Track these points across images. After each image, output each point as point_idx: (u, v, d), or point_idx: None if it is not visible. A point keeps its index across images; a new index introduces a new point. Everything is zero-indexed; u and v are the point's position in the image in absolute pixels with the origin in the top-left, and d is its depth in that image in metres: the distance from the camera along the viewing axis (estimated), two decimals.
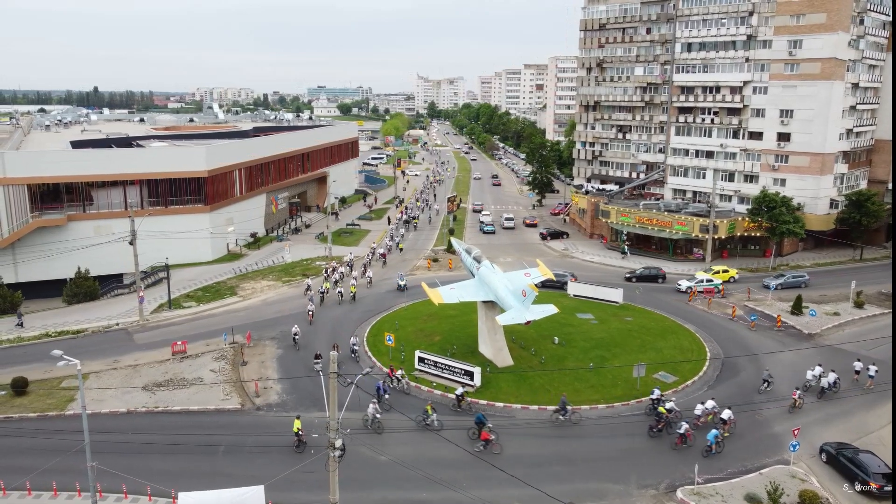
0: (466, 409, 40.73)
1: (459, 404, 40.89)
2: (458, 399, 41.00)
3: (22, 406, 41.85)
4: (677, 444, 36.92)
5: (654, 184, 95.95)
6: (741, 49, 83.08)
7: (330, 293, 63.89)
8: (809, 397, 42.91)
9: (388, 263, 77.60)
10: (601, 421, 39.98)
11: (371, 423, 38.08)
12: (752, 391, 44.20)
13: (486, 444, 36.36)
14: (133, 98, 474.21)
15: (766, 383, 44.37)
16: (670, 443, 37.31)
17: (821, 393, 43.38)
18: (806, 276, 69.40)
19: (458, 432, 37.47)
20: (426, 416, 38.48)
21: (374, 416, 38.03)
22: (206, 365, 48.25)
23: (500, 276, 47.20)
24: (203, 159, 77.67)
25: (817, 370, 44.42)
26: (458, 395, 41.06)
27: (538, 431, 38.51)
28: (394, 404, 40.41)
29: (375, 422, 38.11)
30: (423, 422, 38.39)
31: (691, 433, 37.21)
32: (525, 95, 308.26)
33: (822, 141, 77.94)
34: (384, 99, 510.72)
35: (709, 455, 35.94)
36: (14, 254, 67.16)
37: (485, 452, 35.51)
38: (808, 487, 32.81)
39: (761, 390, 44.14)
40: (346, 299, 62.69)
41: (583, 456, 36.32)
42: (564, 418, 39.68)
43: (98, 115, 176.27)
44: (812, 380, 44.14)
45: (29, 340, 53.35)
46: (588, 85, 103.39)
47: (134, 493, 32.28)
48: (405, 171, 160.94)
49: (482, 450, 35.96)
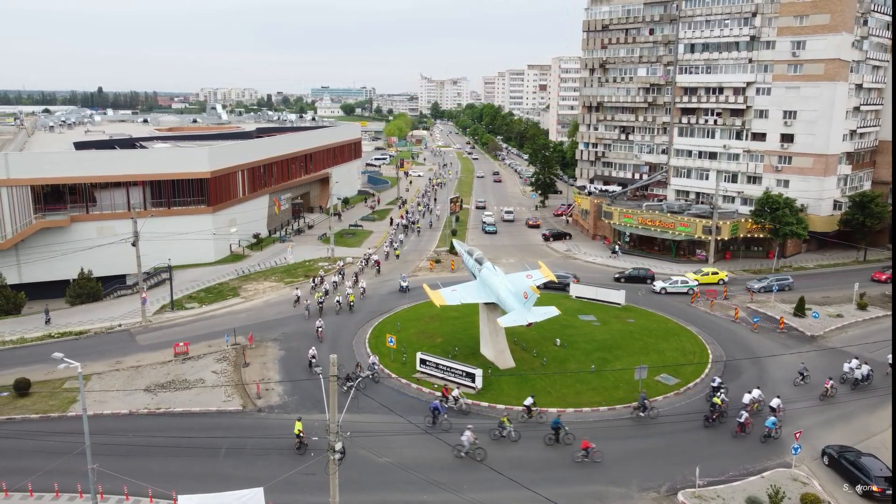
0: (537, 418, 39.84)
1: (529, 414, 40.01)
2: (528, 409, 40.10)
3: (24, 407, 41.97)
4: (737, 432, 38.41)
5: (657, 185, 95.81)
6: (744, 50, 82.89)
7: (326, 302, 60.71)
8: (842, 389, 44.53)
9: (383, 272, 74.38)
10: (602, 423, 39.87)
11: (469, 451, 35.41)
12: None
13: (587, 453, 35.59)
14: (137, 98, 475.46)
15: (802, 376, 45.37)
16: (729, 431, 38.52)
17: (854, 384, 44.72)
18: (789, 279, 68.40)
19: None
20: (502, 428, 37.78)
21: (470, 442, 35.52)
22: (207, 366, 48.32)
23: (502, 278, 47.18)
24: (206, 160, 77.82)
25: (854, 362, 45.74)
26: (528, 405, 40.10)
27: (539, 434, 38.42)
28: (394, 406, 40.44)
29: (474, 448, 35.48)
30: (500, 434, 37.66)
31: (750, 421, 38.54)
32: (528, 96, 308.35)
33: (825, 142, 77.72)
34: (388, 99, 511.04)
35: (766, 441, 37.55)
36: (17, 255, 67.38)
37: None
38: (810, 491, 32.71)
39: (797, 383, 45.14)
40: (343, 308, 60.23)
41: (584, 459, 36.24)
42: (644, 415, 40.27)
43: (102, 116, 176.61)
44: (849, 372, 45.55)
45: (32, 341, 53.51)
46: (591, 86, 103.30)
47: (135, 495, 32.31)
48: (408, 172, 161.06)
49: (584, 459, 35.41)
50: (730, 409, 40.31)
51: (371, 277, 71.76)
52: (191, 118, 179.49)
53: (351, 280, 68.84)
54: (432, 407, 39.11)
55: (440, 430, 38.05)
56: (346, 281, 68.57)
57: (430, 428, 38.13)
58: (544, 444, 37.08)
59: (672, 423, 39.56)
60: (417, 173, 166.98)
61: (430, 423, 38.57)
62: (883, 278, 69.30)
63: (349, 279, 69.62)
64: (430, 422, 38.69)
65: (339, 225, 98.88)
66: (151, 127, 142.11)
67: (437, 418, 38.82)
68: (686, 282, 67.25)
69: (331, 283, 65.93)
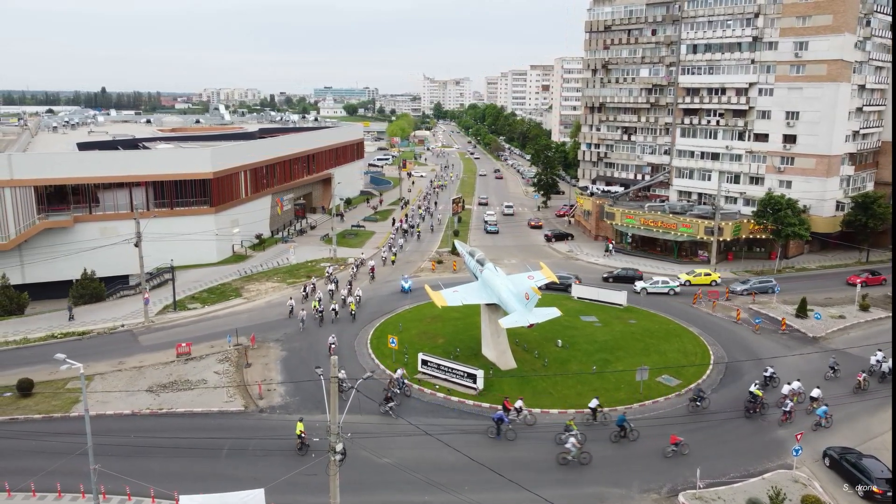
0: (602, 420, 39.81)
1: (595, 416, 39.90)
2: (594, 411, 40.00)
3: (27, 407, 42.13)
4: (783, 420, 40.00)
5: (660, 186, 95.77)
6: (747, 51, 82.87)
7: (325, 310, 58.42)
8: None
9: (378, 277, 72.09)
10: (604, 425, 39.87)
11: (576, 456, 35.47)
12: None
13: (676, 446, 36.36)
14: (140, 99, 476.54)
15: (833, 370, 46.15)
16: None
17: (882, 377, 45.59)
18: (773, 281, 66.96)
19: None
20: (570, 432, 37.49)
21: (576, 448, 35.42)
22: (210, 367, 48.45)
23: (503, 279, 47.24)
24: (208, 161, 77.99)
25: (879, 355, 46.77)
26: (593, 408, 40.00)
27: (540, 435, 38.48)
28: (396, 407, 40.54)
29: (580, 453, 35.54)
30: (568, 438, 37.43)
31: (794, 410, 40.25)
32: (531, 96, 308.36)
33: (828, 143, 77.64)
34: (390, 100, 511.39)
35: (818, 429, 39.02)
36: (21, 255, 67.58)
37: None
38: (811, 492, 32.71)
39: (827, 377, 45.70)
40: (340, 317, 57.92)
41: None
42: (701, 405, 41.43)
43: (105, 117, 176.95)
44: (875, 365, 46.23)
45: (35, 342, 53.68)
46: (593, 86, 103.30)
47: (137, 496, 32.43)
48: (411, 173, 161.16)
49: (673, 454, 36.22)
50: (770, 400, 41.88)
51: (364, 283, 68.92)
52: (194, 118, 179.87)
53: (345, 288, 65.87)
54: (496, 417, 38.38)
55: (505, 440, 37.89)
56: (342, 289, 65.67)
57: (495, 439, 37.85)
58: (610, 442, 37.60)
59: (674, 425, 39.53)
60: (420, 174, 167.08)
61: (493, 434, 38.10)
62: (858, 282, 67.99)
63: (342, 286, 66.89)
64: (493, 432, 38.16)
65: (342, 225, 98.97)
66: (154, 127, 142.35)
67: (501, 429, 38.26)
68: (667, 282, 67.32)
69: (327, 292, 63.74)
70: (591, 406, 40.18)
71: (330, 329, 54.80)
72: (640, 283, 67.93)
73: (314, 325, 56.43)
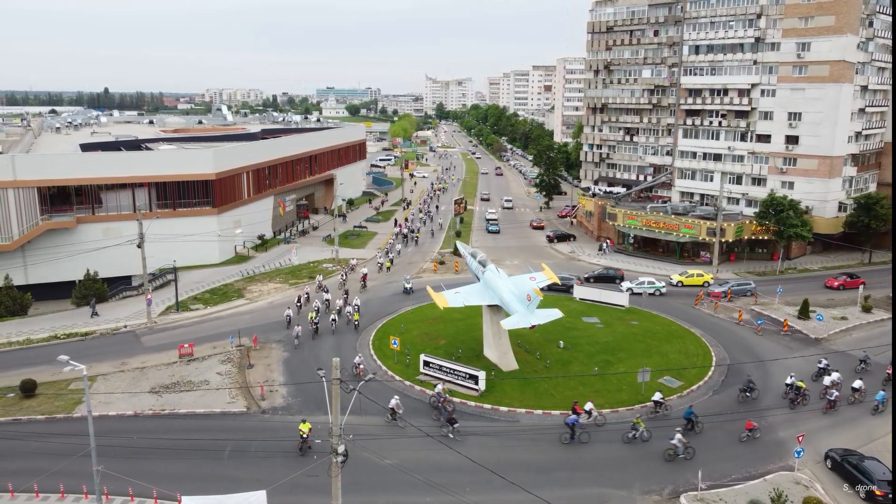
0: (664, 412, 40.86)
1: (657, 409, 40.84)
2: (657, 404, 40.93)
3: (30, 408, 42.25)
4: (826, 409, 41.66)
5: (662, 186, 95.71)
6: (749, 51, 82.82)
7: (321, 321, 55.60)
8: None
9: (368, 287, 68.42)
10: (605, 426, 39.91)
11: (682, 452, 36.05)
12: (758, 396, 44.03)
13: (751, 432, 37.99)
14: (143, 99, 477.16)
15: (863, 364, 47.57)
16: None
17: None
18: (752, 283, 66.98)
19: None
20: (635, 430, 38.05)
21: (683, 444, 36.15)
22: (212, 368, 48.55)
23: (505, 280, 47.30)
24: (211, 162, 78.15)
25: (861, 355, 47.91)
26: (656, 401, 40.94)
27: (542, 436, 38.53)
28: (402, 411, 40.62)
29: (686, 448, 36.17)
30: (634, 436, 37.92)
31: (840, 399, 41.92)
32: (533, 97, 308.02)
33: (830, 144, 77.58)
34: (392, 100, 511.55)
35: (876, 413, 41.26)
36: (24, 256, 67.79)
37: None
38: (813, 494, 32.71)
39: (858, 370, 47.20)
40: (338, 328, 55.55)
41: (586, 461, 36.36)
42: (751, 396, 42.88)
43: (108, 117, 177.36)
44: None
45: (38, 342, 53.83)
46: (595, 87, 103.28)
47: (140, 497, 32.51)
48: (413, 174, 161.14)
49: (747, 438, 37.87)
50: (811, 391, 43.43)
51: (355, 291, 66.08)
52: (196, 119, 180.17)
53: (342, 297, 61.59)
54: (570, 422, 38.22)
55: (578, 443, 37.87)
56: (337, 299, 61.06)
57: (569, 442, 37.87)
58: (684, 431, 37.98)
59: (675, 426, 39.51)
60: (422, 174, 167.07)
61: (567, 440, 37.98)
62: (836, 285, 67.71)
63: (336, 295, 62.85)
64: (567, 437, 38.02)
65: (344, 226, 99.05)
66: (157, 128, 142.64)
67: (575, 432, 38.13)
68: (652, 283, 67.43)
69: (323, 301, 60.68)
70: (655, 399, 41.20)
71: (328, 341, 53.26)
72: (626, 283, 67.96)
73: (308, 339, 53.46)
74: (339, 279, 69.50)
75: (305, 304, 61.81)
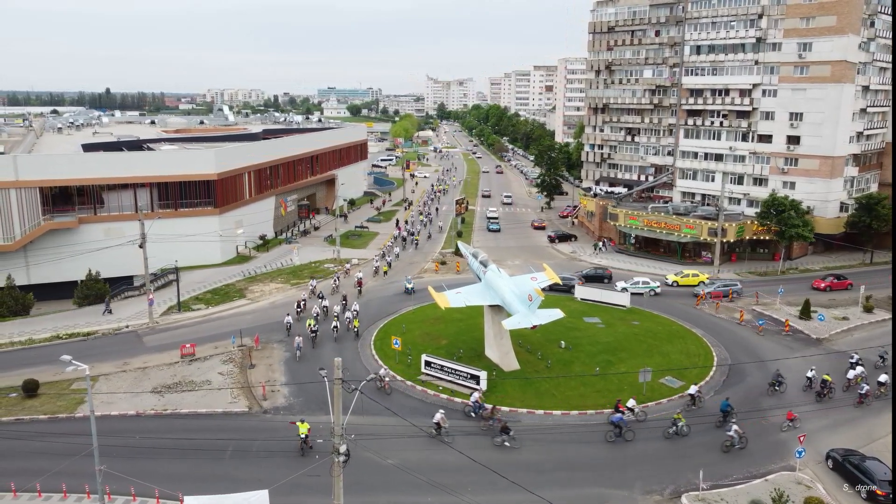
0: (701, 405, 41.92)
1: (693, 403, 41.95)
2: (693, 397, 42.08)
3: (33, 408, 42.32)
4: (858, 402, 42.46)
5: (663, 187, 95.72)
6: (750, 51, 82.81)
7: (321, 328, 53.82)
8: None
9: (367, 289, 67.43)
10: (607, 426, 39.92)
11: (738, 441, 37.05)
12: (760, 396, 44.06)
13: (791, 422, 39.06)
14: (144, 99, 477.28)
15: (882, 359, 47.62)
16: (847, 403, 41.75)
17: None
18: (738, 284, 67.03)
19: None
20: (675, 425, 38.24)
21: (740, 434, 37.03)
22: (214, 368, 48.61)
23: (507, 280, 47.33)
24: (212, 162, 78.25)
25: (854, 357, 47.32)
26: (692, 394, 42.07)
27: (543, 437, 38.55)
28: (400, 408, 40.64)
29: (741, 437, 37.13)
30: (675, 431, 38.16)
31: (871, 393, 42.77)
32: (534, 97, 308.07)
33: (831, 144, 77.56)
34: (394, 100, 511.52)
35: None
36: (26, 256, 67.93)
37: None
38: (814, 494, 32.71)
39: (878, 365, 47.48)
40: (339, 334, 53.94)
41: (587, 461, 36.37)
42: (779, 390, 43.96)
43: (109, 118, 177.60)
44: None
45: (40, 342, 53.93)
46: (597, 87, 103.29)
47: (142, 496, 32.54)
48: (414, 174, 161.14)
49: (788, 428, 38.97)
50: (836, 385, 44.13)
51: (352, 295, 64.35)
52: (198, 119, 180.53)
53: (340, 304, 60.01)
54: (616, 420, 38.36)
55: (623, 440, 38.04)
56: (336, 305, 59.77)
57: (615, 440, 38.04)
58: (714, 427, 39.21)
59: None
60: (423, 174, 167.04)
61: (613, 438, 38.09)
62: (822, 286, 67.40)
63: (334, 300, 61.66)
64: (613, 436, 38.13)
65: (345, 226, 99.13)
66: (159, 128, 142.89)
67: (622, 430, 38.29)
68: (647, 283, 67.47)
69: (321, 308, 58.61)
70: (691, 392, 42.22)
71: (330, 349, 51.56)
72: (622, 283, 67.97)
73: (309, 350, 51.27)
74: (331, 284, 67.56)
75: (305, 311, 59.80)
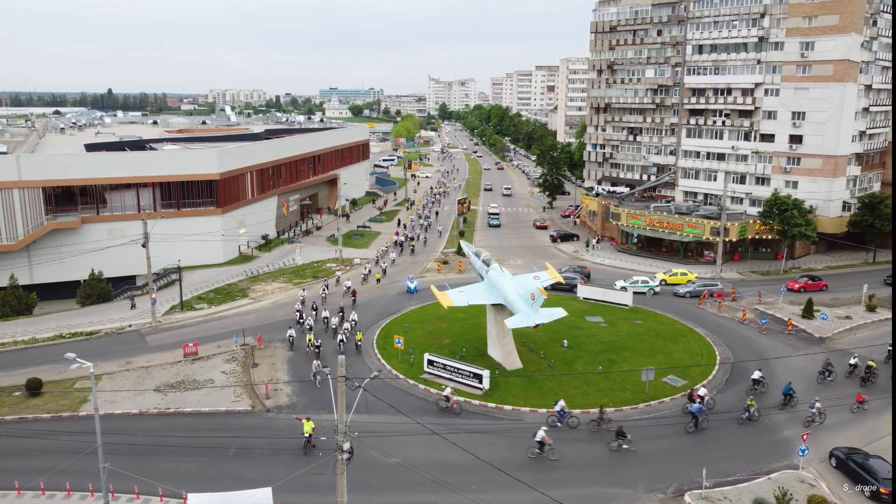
0: (762, 390, 43.50)
1: (755, 386, 43.52)
2: (755, 382, 43.68)
3: (36, 407, 42.43)
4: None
5: (665, 186, 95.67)
6: (753, 51, 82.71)
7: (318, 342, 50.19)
8: None
9: (366, 289, 66.49)
10: (610, 425, 39.90)
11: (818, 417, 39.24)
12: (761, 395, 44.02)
13: (861, 404, 41.14)
14: (146, 100, 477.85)
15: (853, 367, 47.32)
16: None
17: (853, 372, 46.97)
18: (719, 284, 66.64)
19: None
20: (749, 411, 39.90)
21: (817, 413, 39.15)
22: (217, 367, 48.68)
23: (509, 280, 47.34)
24: (215, 162, 78.34)
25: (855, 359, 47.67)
26: (755, 379, 43.70)
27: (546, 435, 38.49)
28: (400, 405, 40.66)
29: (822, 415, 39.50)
30: (750, 417, 39.79)
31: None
32: (536, 97, 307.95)
33: (834, 143, 77.45)
34: (395, 100, 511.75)
35: None
36: (29, 256, 68.06)
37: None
38: (817, 492, 32.68)
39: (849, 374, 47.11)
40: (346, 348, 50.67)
41: (590, 460, 36.37)
42: (830, 378, 45.34)
43: (112, 118, 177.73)
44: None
45: (43, 341, 54.04)
46: (599, 87, 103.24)
47: (146, 494, 32.64)
48: (416, 174, 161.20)
49: (857, 410, 41.07)
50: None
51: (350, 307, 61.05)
52: (200, 120, 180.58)
53: (337, 315, 57.75)
54: (694, 410, 39.06)
55: (699, 429, 38.98)
56: (334, 317, 57.19)
57: (693, 431, 38.85)
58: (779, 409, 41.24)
59: (679, 425, 39.60)
60: (425, 174, 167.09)
61: (692, 428, 38.83)
62: (796, 287, 66.78)
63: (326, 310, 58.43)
64: (692, 426, 38.84)
65: (347, 226, 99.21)
66: (161, 129, 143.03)
67: (699, 420, 39.06)
68: (646, 282, 67.57)
69: (322, 319, 56.86)
70: (754, 378, 43.97)
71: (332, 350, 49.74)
72: (620, 282, 67.97)
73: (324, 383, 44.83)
74: (320, 292, 64.29)
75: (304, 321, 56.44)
